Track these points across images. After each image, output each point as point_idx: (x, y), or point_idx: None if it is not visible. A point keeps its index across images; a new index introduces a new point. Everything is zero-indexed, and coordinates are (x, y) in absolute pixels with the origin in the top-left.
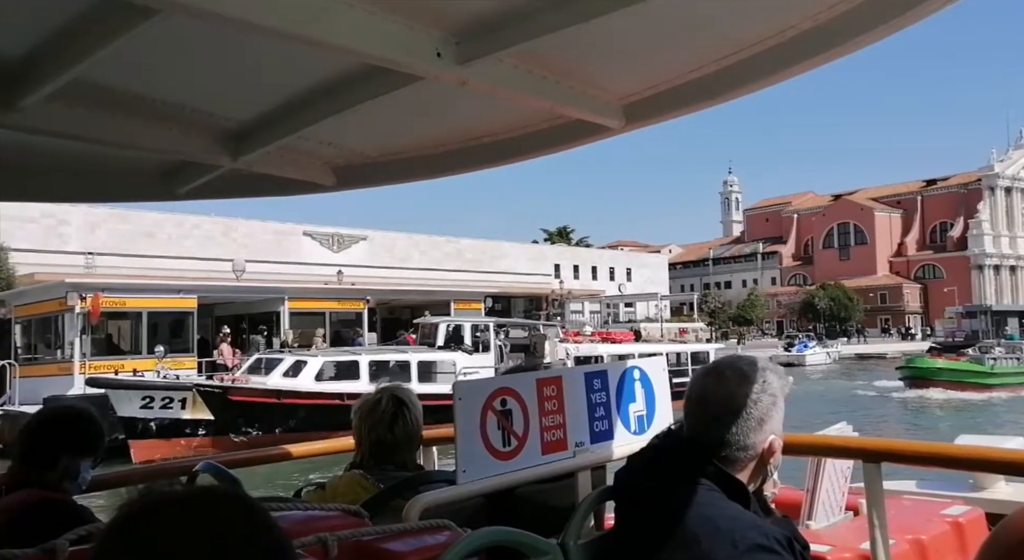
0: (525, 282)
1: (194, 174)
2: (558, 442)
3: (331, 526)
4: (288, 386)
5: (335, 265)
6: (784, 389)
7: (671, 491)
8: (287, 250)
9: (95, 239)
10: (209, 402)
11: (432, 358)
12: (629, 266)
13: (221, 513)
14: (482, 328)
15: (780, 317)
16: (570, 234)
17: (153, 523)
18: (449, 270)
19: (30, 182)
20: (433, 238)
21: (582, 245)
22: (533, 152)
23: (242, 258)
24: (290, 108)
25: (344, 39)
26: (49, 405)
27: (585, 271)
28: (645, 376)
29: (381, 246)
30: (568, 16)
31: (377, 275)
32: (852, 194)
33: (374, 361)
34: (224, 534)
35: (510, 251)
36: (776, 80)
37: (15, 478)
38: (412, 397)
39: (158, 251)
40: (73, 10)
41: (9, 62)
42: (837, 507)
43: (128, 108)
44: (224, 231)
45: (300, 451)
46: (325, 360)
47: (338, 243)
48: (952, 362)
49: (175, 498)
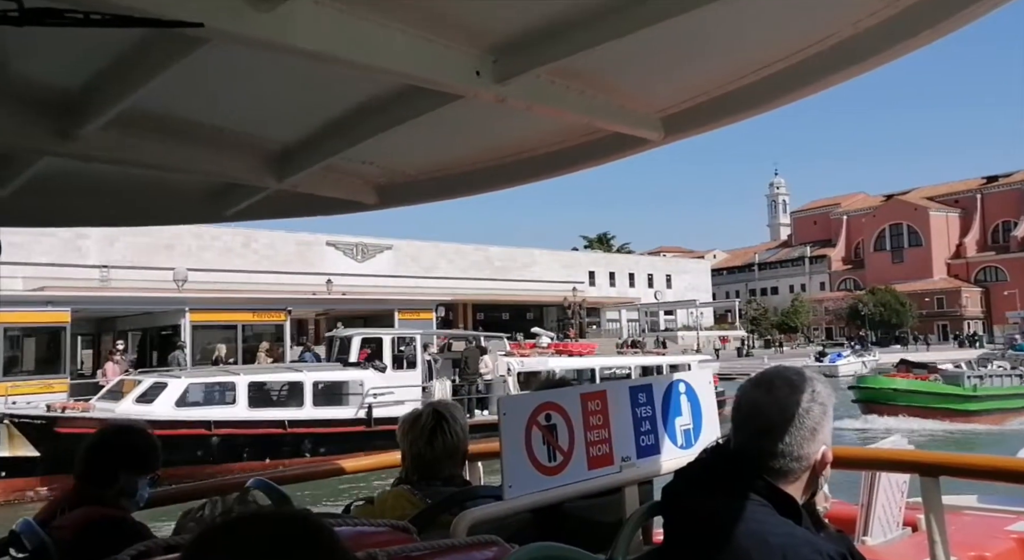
0: (556, 290)
1: (241, 195)
2: (604, 457)
3: (381, 542)
4: (137, 414)
5: (360, 276)
6: (831, 399)
7: (720, 506)
8: (310, 261)
9: (113, 252)
10: (31, 435)
11: (333, 378)
12: (669, 272)
13: (293, 533)
14: (407, 341)
15: (828, 323)
16: (610, 241)
17: (230, 541)
18: (477, 279)
19: (83, 207)
20: (460, 246)
21: (623, 252)
22: (572, 166)
23: (184, 268)
24: (332, 129)
25: (385, 61)
26: (108, 424)
27: (622, 278)
28: (691, 389)
29: (407, 255)
30: (605, 32)
31: (402, 284)
32: (906, 194)
33: (255, 382)
34: (295, 553)
35: (541, 258)
36: (818, 89)
37: (76, 495)
38: (454, 411)
39: (177, 263)
40: (127, 42)
41: (68, 93)
42: (894, 522)
43: (178, 134)
44: (245, 242)
45: (352, 466)
46: (191, 382)
47: (362, 253)
48: (918, 382)
49: (252, 518)
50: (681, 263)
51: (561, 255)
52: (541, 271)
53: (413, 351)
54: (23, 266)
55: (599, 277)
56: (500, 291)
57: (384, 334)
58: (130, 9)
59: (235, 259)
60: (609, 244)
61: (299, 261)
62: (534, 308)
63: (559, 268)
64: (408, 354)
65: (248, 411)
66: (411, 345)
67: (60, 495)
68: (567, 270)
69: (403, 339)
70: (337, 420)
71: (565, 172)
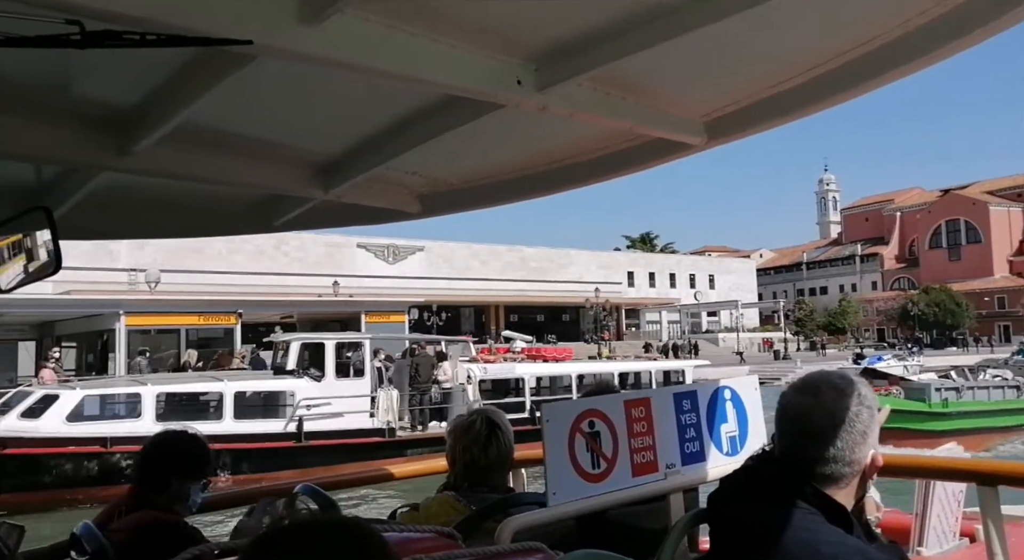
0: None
1: (288, 207)
2: (648, 464)
3: (426, 548)
4: (19, 431)
5: (390, 277)
6: (876, 402)
7: (769, 514)
8: (340, 263)
9: (144, 256)
10: None
11: (258, 388)
12: (712, 272)
13: (346, 539)
14: (354, 347)
15: (879, 325)
16: (654, 241)
17: (286, 547)
18: (511, 280)
19: (137, 220)
20: (494, 247)
21: (667, 252)
22: (614, 172)
23: (156, 269)
24: (376, 140)
25: (429, 73)
26: (161, 432)
27: (662, 278)
28: (736, 396)
29: (439, 257)
30: (646, 38)
31: (434, 287)
32: (964, 188)
33: (166, 394)
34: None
35: (578, 259)
36: (864, 90)
37: (132, 500)
38: (504, 420)
39: (207, 266)
40: (179, 61)
41: (124, 111)
42: (950, 533)
43: (228, 147)
44: (275, 244)
45: (401, 472)
46: (87, 394)
47: (394, 254)
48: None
49: (306, 525)
50: (725, 263)
51: (599, 255)
52: (578, 272)
53: (361, 357)
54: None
55: (638, 278)
56: (535, 293)
57: (327, 339)
58: (183, 29)
59: (266, 261)
60: (652, 244)
61: (329, 263)
62: (570, 310)
63: (597, 269)
64: (355, 361)
65: (155, 425)
66: (359, 351)
67: (118, 500)
68: (605, 271)
69: (350, 345)
70: (261, 435)
71: (607, 178)
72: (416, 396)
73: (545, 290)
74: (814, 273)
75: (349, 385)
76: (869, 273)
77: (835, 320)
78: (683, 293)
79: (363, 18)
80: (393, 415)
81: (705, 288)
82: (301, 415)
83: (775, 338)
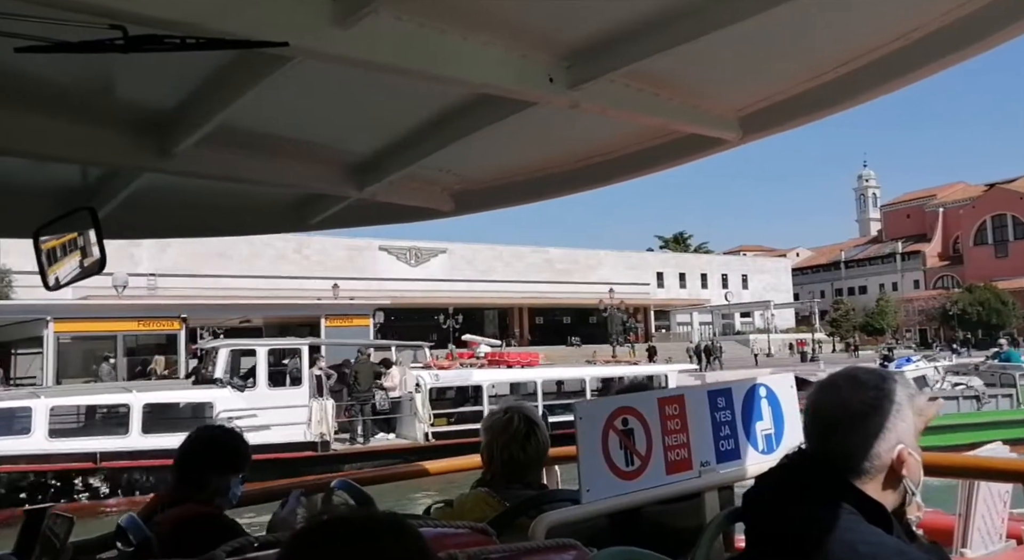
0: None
1: (324, 205)
2: (683, 461)
3: (460, 543)
4: None
5: (413, 280)
6: (913, 400)
7: (806, 513)
8: (362, 266)
9: (165, 259)
10: None
11: (172, 399)
12: (744, 272)
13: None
14: (289, 353)
15: (921, 325)
16: (687, 240)
17: (326, 541)
18: (535, 281)
19: (178, 220)
20: (518, 248)
21: (701, 252)
22: (647, 168)
23: (124, 272)
24: (409, 139)
25: (462, 71)
26: (201, 427)
27: (693, 279)
28: (772, 393)
29: (462, 258)
30: (679, 34)
31: (456, 289)
32: (1011, 182)
33: (63, 407)
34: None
35: (606, 260)
36: (902, 84)
37: (174, 494)
38: (539, 417)
39: (231, 271)
40: (217, 63)
41: (165, 113)
42: (996, 534)
43: (265, 148)
44: (296, 248)
45: (436, 468)
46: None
47: (416, 257)
48: None
49: (345, 519)
50: (758, 262)
51: (627, 256)
52: (606, 273)
53: (299, 365)
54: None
55: (668, 278)
56: (560, 294)
57: (259, 345)
58: (221, 32)
59: (287, 265)
60: (686, 244)
61: (351, 266)
62: (597, 311)
63: (625, 270)
64: (292, 369)
65: (48, 442)
66: (296, 358)
67: (161, 493)
68: (634, 272)
69: (288, 351)
70: (172, 451)
71: (641, 174)
72: (355, 406)
73: (571, 292)
74: (852, 272)
75: (284, 395)
76: (911, 271)
77: (873, 320)
78: (715, 294)
79: (396, 18)
80: (327, 427)
81: (738, 288)
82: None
83: (809, 339)
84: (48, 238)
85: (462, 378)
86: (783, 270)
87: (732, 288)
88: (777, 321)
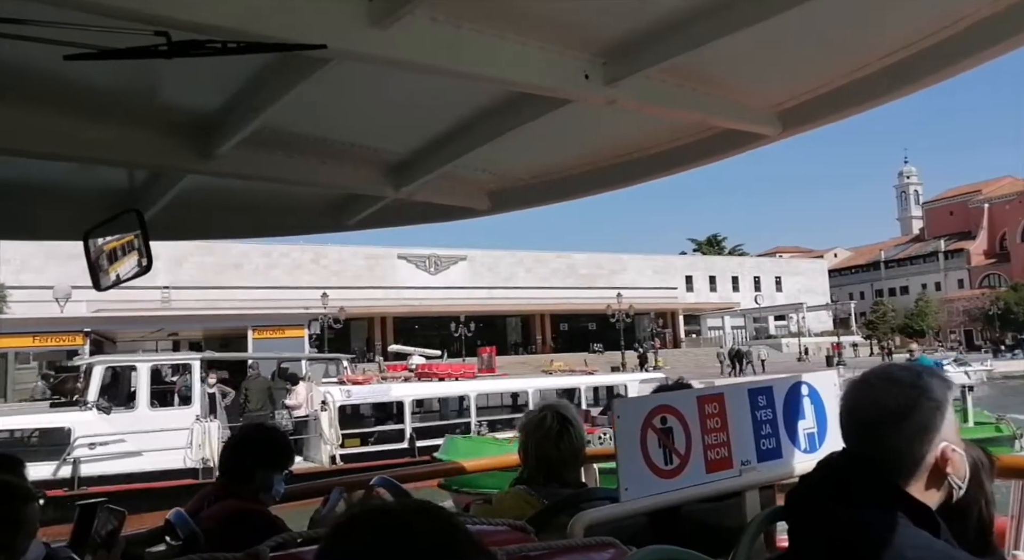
0: (649, 297)
1: (362, 205)
2: (723, 460)
3: (500, 541)
4: None
5: (432, 288)
6: (948, 394)
7: (852, 515)
8: (380, 275)
9: (181, 273)
10: None
11: (21, 424)
12: (778, 274)
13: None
14: (179, 370)
15: (966, 326)
16: (722, 243)
17: (367, 529)
18: (558, 287)
19: (219, 221)
20: (540, 254)
21: (735, 254)
22: (685, 165)
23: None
24: (446, 139)
25: (498, 71)
26: (245, 424)
27: (724, 282)
28: (814, 392)
29: (483, 265)
30: (715, 29)
31: (476, 296)
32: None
33: None
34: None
35: (631, 264)
36: (949, 74)
37: (219, 490)
38: (575, 415)
39: (246, 282)
40: (256, 66)
41: (207, 115)
42: None
43: (304, 149)
44: (313, 258)
45: (474, 466)
46: None
47: (435, 265)
48: None
49: (385, 509)
50: (792, 263)
51: (653, 259)
52: (631, 278)
53: (188, 383)
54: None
55: (697, 281)
56: (584, 300)
57: (140, 362)
58: (261, 36)
59: (304, 276)
60: (720, 246)
61: (369, 276)
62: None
63: (652, 274)
64: (181, 387)
65: None
66: (186, 375)
67: (207, 489)
68: (661, 276)
69: (176, 367)
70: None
71: (679, 171)
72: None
73: (596, 297)
74: (893, 272)
75: (169, 416)
76: (955, 270)
77: (912, 322)
78: (746, 297)
79: (432, 19)
80: (211, 451)
81: (771, 291)
82: (78, 456)
83: (844, 342)
84: (109, 240)
85: (379, 394)
86: (819, 271)
87: (765, 291)
88: (813, 324)
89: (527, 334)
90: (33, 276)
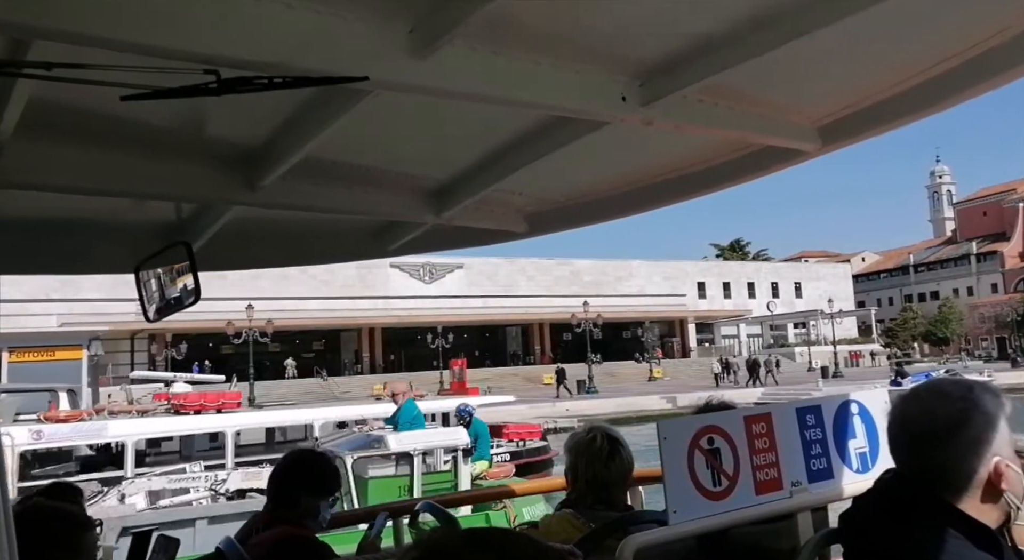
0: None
1: (402, 232)
2: (772, 481)
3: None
4: None
5: (426, 298)
6: (1001, 407)
7: (912, 538)
8: (372, 285)
9: None
10: None
11: None
12: (797, 280)
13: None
14: None
15: (996, 332)
16: (745, 248)
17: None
18: (562, 296)
19: (266, 251)
20: (541, 261)
21: (760, 259)
22: (723, 183)
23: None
24: (484, 164)
25: (535, 96)
26: (291, 450)
27: (739, 288)
28: (864, 410)
29: (480, 274)
30: (752, 47)
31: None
32: None
33: None
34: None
35: (639, 270)
36: (995, 85)
37: (268, 516)
38: (623, 437)
39: (228, 293)
40: (300, 99)
41: (253, 149)
42: None
43: (346, 178)
44: (301, 267)
45: (523, 489)
46: None
47: (430, 274)
48: None
49: (478, 533)
50: (813, 268)
51: (662, 265)
52: (639, 284)
53: None
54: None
55: (711, 288)
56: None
57: None
58: (305, 70)
59: (292, 286)
60: (744, 251)
61: (360, 285)
62: (631, 325)
63: (661, 280)
64: None
65: None
66: None
67: (256, 516)
68: (670, 282)
69: None
70: None
71: (717, 189)
72: None
73: (602, 306)
74: (923, 276)
75: None
76: (988, 274)
77: (935, 329)
78: (765, 304)
79: (471, 48)
80: None
81: (791, 297)
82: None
83: (864, 351)
84: (160, 272)
85: (87, 434)
86: (842, 276)
87: (784, 297)
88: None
89: (527, 344)
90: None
